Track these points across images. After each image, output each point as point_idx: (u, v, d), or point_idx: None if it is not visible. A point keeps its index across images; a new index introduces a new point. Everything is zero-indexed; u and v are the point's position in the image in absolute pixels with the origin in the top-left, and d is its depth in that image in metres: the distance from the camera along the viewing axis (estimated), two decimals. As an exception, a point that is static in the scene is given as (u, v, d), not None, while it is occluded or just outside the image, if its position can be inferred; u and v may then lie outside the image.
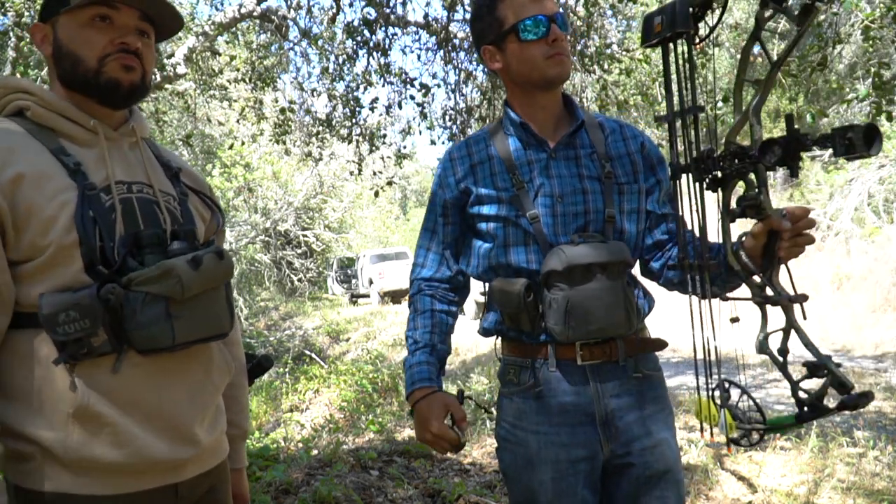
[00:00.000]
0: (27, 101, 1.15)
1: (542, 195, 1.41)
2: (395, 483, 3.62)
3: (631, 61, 5.75)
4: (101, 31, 1.15)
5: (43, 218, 1.06)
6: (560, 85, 1.46)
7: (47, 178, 1.08)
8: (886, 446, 3.98)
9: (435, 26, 5.57)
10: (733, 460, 4.02)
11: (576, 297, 1.32)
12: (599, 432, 1.39)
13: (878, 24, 3.90)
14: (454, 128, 5.77)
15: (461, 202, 1.50)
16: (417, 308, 1.57)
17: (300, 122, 7.24)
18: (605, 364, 1.40)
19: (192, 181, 1.34)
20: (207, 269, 1.11)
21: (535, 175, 1.43)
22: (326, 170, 14.74)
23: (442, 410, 1.42)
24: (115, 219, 1.11)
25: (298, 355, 10.43)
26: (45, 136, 1.13)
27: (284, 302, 17.73)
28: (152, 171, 1.24)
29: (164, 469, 1.15)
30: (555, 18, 1.39)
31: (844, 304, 9.26)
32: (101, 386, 1.08)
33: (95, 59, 1.15)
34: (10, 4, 4.74)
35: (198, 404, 1.19)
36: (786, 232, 1.11)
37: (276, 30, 6.10)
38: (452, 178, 1.51)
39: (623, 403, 1.40)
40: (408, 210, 37.11)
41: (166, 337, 1.08)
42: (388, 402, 6.91)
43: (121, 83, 1.16)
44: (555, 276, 1.34)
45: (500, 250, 1.44)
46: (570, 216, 1.40)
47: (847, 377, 1.06)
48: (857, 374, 6.56)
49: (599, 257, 1.33)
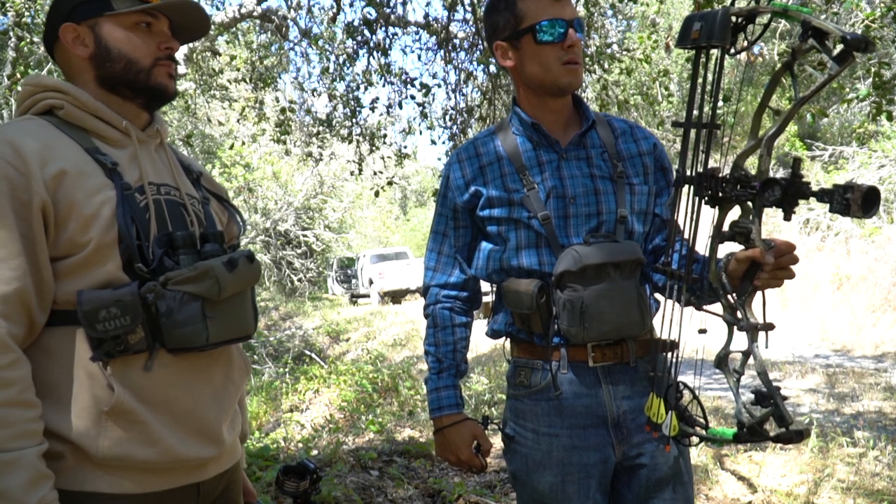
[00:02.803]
0: (61, 100, 1.16)
1: (553, 196, 1.40)
2: (395, 483, 3.62)
3: (631, 61, 5.75)
4: (147, 36, 1.20)
5: (83, 215, 1.07)
6: (572, 91, 1.44)
7: (86, 175, 1.09)
8: (886, 446, 3.98)
9: (435, 26, 5.57)
10: (733, 460, 4.02)
11: (590, 297, 1.31)
12: (612, 435, 1.38)
13: (879, 24, 3.90)
14: (454, 128, 5.77)
15: (471, 205, 1.48)
16: (437, 323, 1.54)
17: (300, 122, 7.24)
18: (617, 366, 1.39)
19: (212, 186, 1.37)
20: (241, 271, 1.14)
21: (546, 176, 1.41)
22: (326, 170, 14.74)
23: (471, 439, 1.48)
24: (149, 219, 1.14)
25: (298, 355, 10.42)
26: (78, 135, 1.15)
27: (284, 302, 17.72)
28: (178, 173, 1.27)
29: (190, 468, 1.16)
30: (573, 23, 1.37)
31: (844, 304, 9.25)
32: (134, 384, 1.08)
33: (149, 61, 1.19)
34: (10, 4, 4.74)
35: (222, 404, 1.21)
36: (767, 265, 1.12)
37: (276, 30, 6.11)
38: (462, 180, 1.48)
39: (635, 405, 1.39)
40: (408, 210, 37.10)
41: (200, 337, 1.10)
42: (388, 402, 6.90)
43: (167, 88, 1.22)
44: (568, 277, 1.32)
45: (512, 252, 1.42)
46: (583, 217, 1.39)
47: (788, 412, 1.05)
48: (856, 374, 6.56)
49: (612, 256, 1.32)
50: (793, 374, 6.75)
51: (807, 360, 7.55)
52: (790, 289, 10.65)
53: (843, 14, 4.36)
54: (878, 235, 10.02)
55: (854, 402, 5.55)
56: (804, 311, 9.91)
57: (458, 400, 1.50)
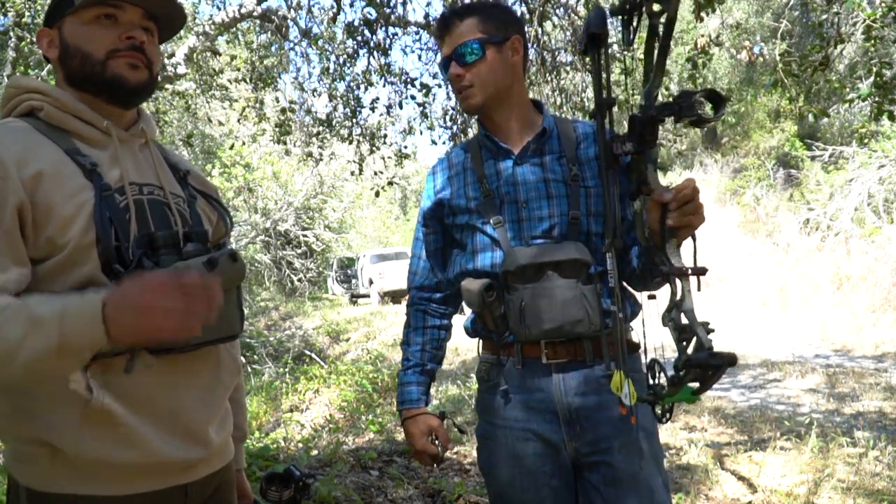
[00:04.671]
0: (41, 101, 1.15)
1: (507, 202, 1.49)
2: (395, 483, 3.62)
3: (632, 61, 5.74)
4: (107, 29, 1.17)
5: (61, 216, 1.06)
6: (474, 114, 1.57)
7: (65, 177, 1.09)
8: (886, 446, 3.98)
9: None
10: (733, 460, 4.02)
11: (528, 295, 1.40)
12: (563, 430, 1.43)
13: (880, 24, 3.90)
14: (455, 128, 5.77)
15: (438, 213, 1.60)
16: (411, 323, 1.68)
17: (300, 123, 7.23)
18: (571, 363, 1.43)
19: (200, 184, 1.35)
20: (222, 270, 1.12)
21: (501, 182, 1.50)
22: (326, 170, 14.71)
23: (426, 431, 1.58)
24: (129, 219, 1.12)
25: (298, 355, 10.42)
26: (58, 136, 1.14)
27: (284, 302, 17.71)
28: (162, 172, 1.25)
29: (176, 469, 1.15)
30: (454, 57, 1.48)
31: (844, 304, 9.25)
32: (115, 387, 1.08)
33: (103, 53, 1.16)
34: (10, 4, 4.74)
35: (209, 405, 1.20)
36: (671, 203, 1.17)
37: (276, 30, 6.10)
38: (432, 190, 1.61)
39: (590, 402, 1.42)
40: (408, 210, 37.08)
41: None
42: (388, 402, 6.90)
43: (126, 79, 1.17)
44: (511, 277, 1.42)
45: (469, 256, 1.53)
46: (536, 220, 1.46)
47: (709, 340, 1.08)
48: (857, 374, 6.56)
49: (551, 256, 1.40)
50: (793, 374, 6.74)
51: (807, 360, 7.55)
52: (790, 289, 10.65)
53: (843, 14, 4.35)
54: (878, 235, 10.01)
55: (854, 402, 5.55)
56: (804, 311, 9.91)
57: (419, 395, 1.61)
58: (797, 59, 4.40)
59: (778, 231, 12.44)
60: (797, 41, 12.03)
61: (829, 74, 4.78)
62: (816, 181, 12.51)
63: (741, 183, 14.82)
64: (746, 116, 16.60)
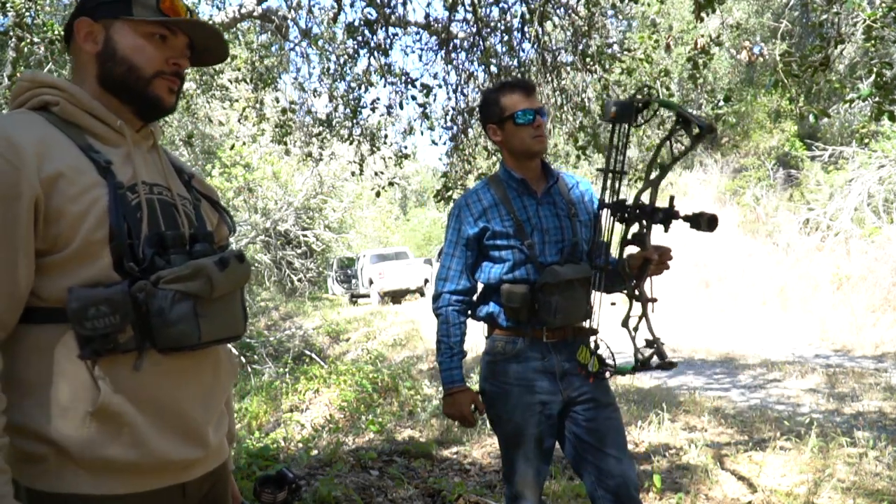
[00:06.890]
0: (56, 96, 1.16)
1: (535, 230, 2.07)
2: (395, 483, 3.63)
3: (632, 61, 5.74)
4: (157, 48, 1.20)
5: (74, 211, 1.06)
6: (540, 156, 2.12)
7: (80, 173, 1.09)
8: (886, 446, 3.98)
9: (436, 27, 5.56)
10: (733, 460, 4.02)
11: (561, 300, 1.99)
12: (558, 384, 2.06)
13: (880, 24, 3.89)
14: (455, 128, 5.77)
15: (480, 235, 2.10)
16: (449, 320, 2.15)
17: (301, 123, 7.22)
18: (560, 342, 2.07)
19: (203, 188, 1.37)
20: (232, 270, 1.14)
21: (529, 215, 2.09)
22: (326, 170, 14.70)
23: (470, 402, 2.11)
24: (140, 217, 1.13)
25: (298, 355, 10.41)
26: (72, 131, 1.14)
27: (284, 302, 17.70)
28: (170, 174, 1.27)
29: (176, 469, 1.15)
30: (539, 111, 2.06)
31: (844, 304, 9.26)
32: (123, 384, 1.08)
33: (151, 71, 1.19)
34: (10, 4, 4.74)
35: (209, 405, 1.21)
36: (654, 260, 1.91)
37: (276, 30, 6.10)
38: (472, 218, 2.11)
39: (571, 367, 2.07)
40: (408, 210, 37.10)
41: (192, 336, 1.10)
42: (388, 402, 6.91)
43: (164, 102, 1.22)
44: (548, 287, 1.99)
45: (509, 267, 2.07)
46: (553, 243, 2.07)
47: (668, 353, 1.85)
48: (857, 374, 6.56)
49: (577, 274, 2.01)
50: (793, 374, 6.75)
51: (807, 360, 7.55)
52: (790, 289, 10.65)
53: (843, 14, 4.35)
54: (878, 235, 10.02)
55: (854, 402, 5.56)
56: (804, 311, 9.92)
57: (462, 376, 2.13)
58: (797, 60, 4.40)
59: (778, 231, 12.44)
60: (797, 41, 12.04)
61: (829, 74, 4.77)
62: (816, 181, 12.51)
63: (741, 183, 14.82)
64: (746, 116, 16.59)
